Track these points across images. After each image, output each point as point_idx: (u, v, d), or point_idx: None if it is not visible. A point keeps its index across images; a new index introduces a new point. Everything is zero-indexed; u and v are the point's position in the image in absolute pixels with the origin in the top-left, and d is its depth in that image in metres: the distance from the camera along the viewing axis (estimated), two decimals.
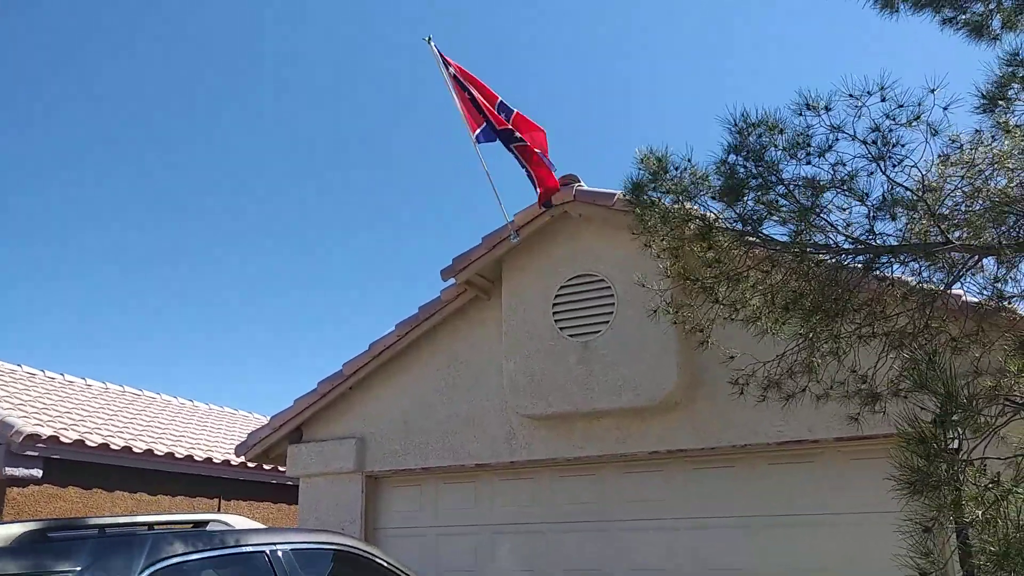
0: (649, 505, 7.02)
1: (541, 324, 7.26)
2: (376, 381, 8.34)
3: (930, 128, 3.79)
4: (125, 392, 13.83)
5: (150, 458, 10.27)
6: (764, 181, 3.80)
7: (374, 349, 8.17)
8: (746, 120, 3.84)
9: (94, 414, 11.13)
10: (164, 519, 3.80)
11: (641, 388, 6.70)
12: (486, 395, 7.72)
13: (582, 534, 7.21)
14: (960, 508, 2.79)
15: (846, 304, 4.07)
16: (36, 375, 12.36)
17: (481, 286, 7.80)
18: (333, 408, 8.49)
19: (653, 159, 4.03)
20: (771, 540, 6.45)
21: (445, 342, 8.11)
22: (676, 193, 4.01)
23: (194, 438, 12.10)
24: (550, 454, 7.27)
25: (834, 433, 6.09)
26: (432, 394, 8.03)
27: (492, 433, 7.60)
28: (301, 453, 8.45)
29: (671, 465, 7.03)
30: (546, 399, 7.07)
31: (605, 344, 6.93)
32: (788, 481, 6.54)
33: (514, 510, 7.61)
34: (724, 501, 6.73)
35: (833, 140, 3.83)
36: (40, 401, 10.64)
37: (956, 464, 2.80)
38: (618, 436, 6.99)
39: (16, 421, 8.92)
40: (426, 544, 7.92)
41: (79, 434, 9.54)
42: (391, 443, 8.10)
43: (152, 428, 11.68)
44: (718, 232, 3.96)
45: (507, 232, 7.36)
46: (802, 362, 4.45)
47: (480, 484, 7.88)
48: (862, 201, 3.95)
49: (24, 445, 8.74)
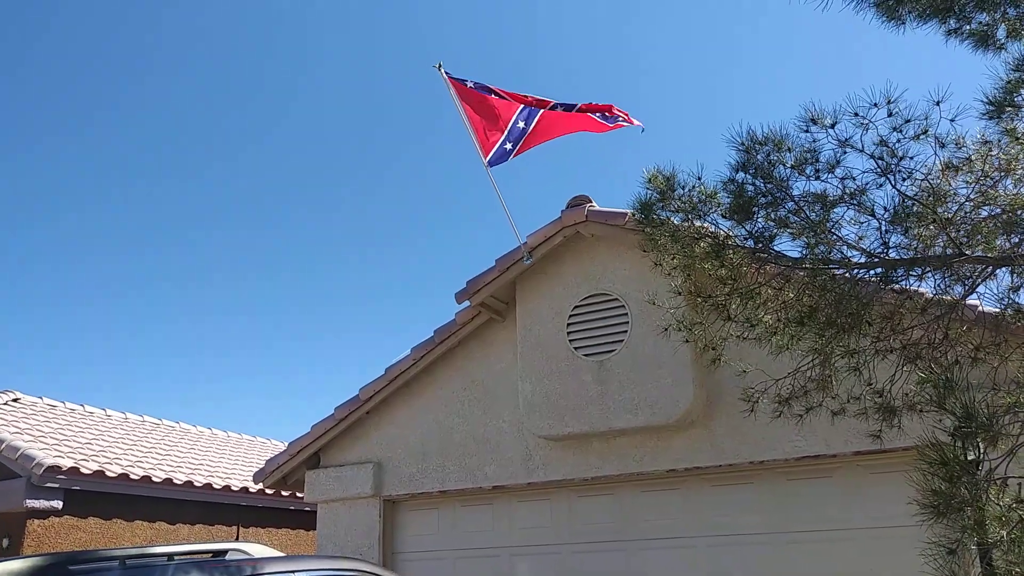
0: (667, 523, 6.97)
1: (556, 344, 7.25)
2: (392, 405, 8.35)
3: (938, 141, 3.78)
4: (144, 421, 13.89)
5: (169, 487, 10.30)
6: (773, 198, 3.80)
7: (390, 373, 8.19)
8: (752, 138, 3.84)
9: (113, 444, 11.19)
10: (183, 549, 3.80)
11: (657, 406, 6.68)
12: (502, 417, 7.72)
13: (601, 554, 7.17)
14: (984, 529, 2.74)
15: (861, 318, 4.04)
16: (56, 407, 12.46)
17: (495, 308, 7.82)
18: (350, 433, 8.50)
19: (661, 178, 4.03)
20: (791, 556, 6.39)
21: (460, 365, 8.11)
22: (685, 212, 4.01)
23: (212, 466, 12.13)
24: (567, 474, 7.25)
25: (852, 447, 6.05)
26: (448, 417, 8.03)
27: (509, 455, 7.58)
28: (319, 479, 8.46)
29: (689, 483, 6.98)
30: (562, 419, 7.06)
31: (620, 363, 6.92)
32: (806, 496, 6.48)
33: (532, 531, 7.57)
34: (743, 518, 6.67)
35: (841, 155, 3.82)
36: (61, 432, 10.72)
37: (979, 484, 2.76)
38: (635, 455, 6.96)
39: (37, 454, 8.99)
40: (444, 568, 7.88)
41: (99, 464, 9.60)
42: (408, 467, 8.10)
43: (171, 457, 11.72)
44: (729, 250, 3.96)
45: (520, 254, 7.38)
46: (817, 377, 4.42)
47: (498, 506, 7.85)
48: (873, 215, 3.94)
49: (45, 477, 8.80)
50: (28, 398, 12.22)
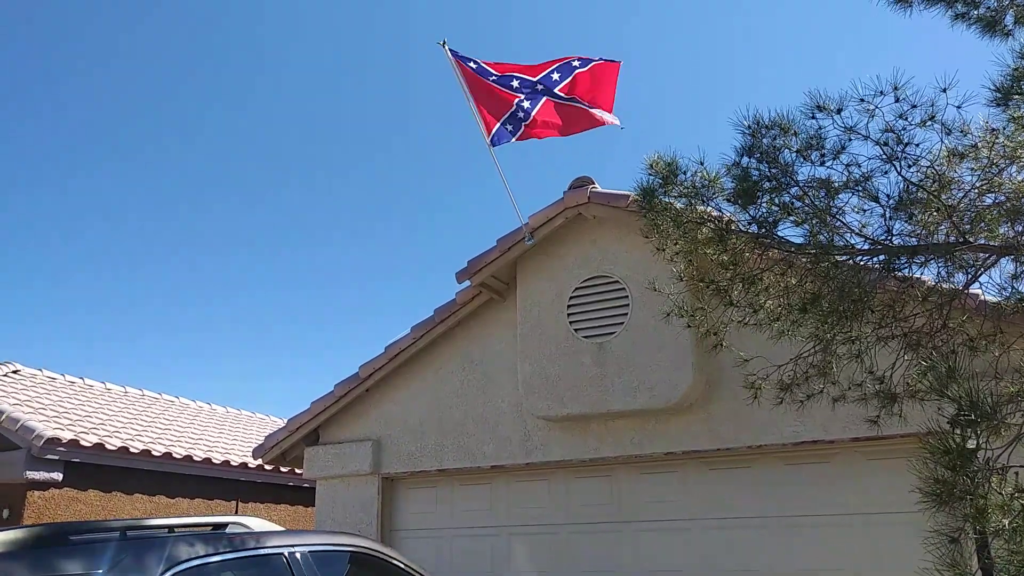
0: (665, 506, 7.01)
1: (556, 326, 7.26)
2: (392, 383, 8.38)
3: (944, 128, 3.76)
4: (144, 396, 13.94)
5: (168, 461, 10.35)
6: (778, 183, 3.78)
7: (390, 352, 8.21)
8: (758, 122, 3.81)
9: (113, 418, 11.23)
10: (183, 522, 3.82)
11: (656, 389, 6.69)
12: (501, 397, 7.74)
13: (598, 535, 7.21)
14: (985, 518, 2.75)
15: (863, 305, 4.04)
16: (56, 379, 12.49)
17: (496, 288, 7.82)
18: (349, 410, 8.53)
19: (662, 164, 4.02)
20: (787, 540, 6.43)
21: (460, 344, 8.13)
22: (688, 196, 4.00)
23: (212, 441, 12.19)
24: (565, 455, 7.28)
25: (850, 433, 6.07)
26: (448, 396, 8.06)
27: (507, 435, 7.61)
28: (318, 455, 8.50)
29: (687, 466, 7.02)
30: (561, 400, 7.08)
31: (620, 345, 6.93)
32: (804, 481, 6.51)
33: (530, 511, 7.62)
34: (740, 502, 6.71)
35: (846, 141, 3.80)
36: (60, 405, 10.75)
37: (980, 473, 2.77)
38: (634, 437, 6.98)
39: (37, 425, 9.02)
40: (442, 545, 7.94)
41: (99, 438, 9.63)
42: (407, 445, 8.13)
43: (170, 432, 11.77)
44: (732, 235, 3.94)
45: (522, 234, 7.37)
46: (818, 364, 4.43)
47: (496, 486, 7.89)
48: (877, 201, 3.92)
49: (45, 449, 8.84)
50: (28, 370, 12.25)
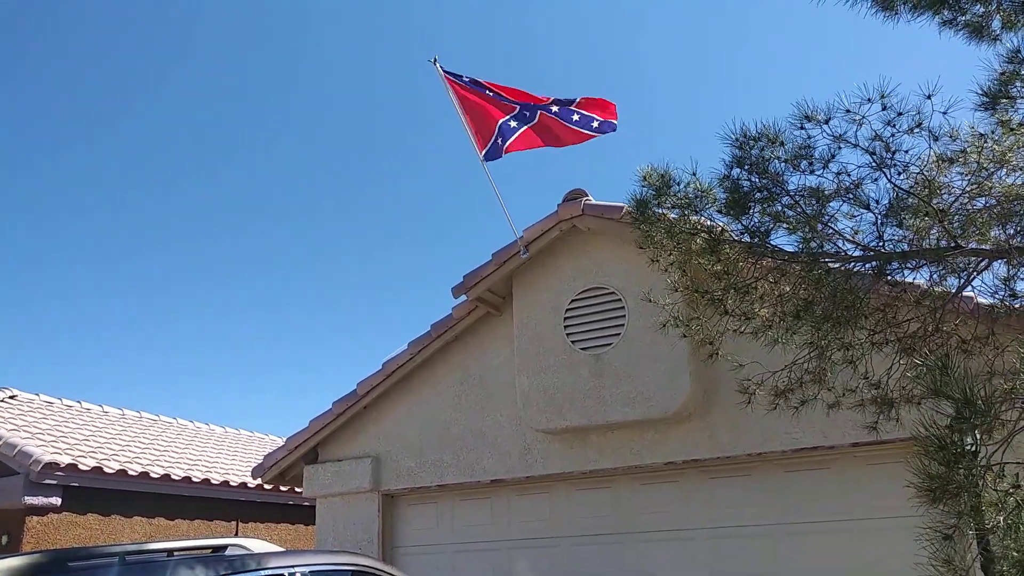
0: (666, 516, 7.00)
1: (553, 338, 7.27)
2: (390, 400, 8.37)
3: (931, 134, 3.80)
4: (142, 418, 13.89)
5: (167, 483, 10.32)
6: (769, 193, 3.81)
7: (387, 368, 8.20)
8: (746, 134, 3.85)
9: (111, 441, 11.19)
10: (183, 545, 3.81)
11: (655, 399, 6.70)
12: (500, 411, 7.74)
13: (600, 547, 7.20)
14: (980, 514, 2.76)
15: (857, 311, 4.06)
16: (53, 403, 12.45)
17: (492, 302, 7.83)
18: (348, 428, 8.51)
19: (656, 175, 4.05)
20: (789, 548, 6.42)
21: (458, 359, 8.13)
22: (681, 207, 4.03)
23: (210, 462, 12.15)
24: (565, 468, 7.27)
25: (849, 439, 6.07)
26: (446, 411, 8.05)
27: (507, 449, 7.61)
28: (317, 473, 8.47)
29: (687, 475, 7.01)
30: (560, 413, 7.08)
31: (617, 356, 6.94)
32: (804, 488, 6.51)
33: (531, 525, 7.60)
34: (741, 510, 6.70)
35: (836, 150, 3.84)
36: (58, 429, 10.72)
37: (975, 469, 2.78)
38: (633, 448, 6.98)
39: (34, 450, 8.99)
40: (443, 561, 7.91)
41: (97, 461, 9.60)
42: (406, 461, 8.12)
43: (169, 453, 11.73)
44: (725, 245, 3.97)
45: (517, 248, 7.39)
46: (813, 370, 4.44)
47: (496, 500, 7.88)
48: (868, 208, 3.96)
49: (43, 474, 8.81)
50: (25, 395, 12.20)
